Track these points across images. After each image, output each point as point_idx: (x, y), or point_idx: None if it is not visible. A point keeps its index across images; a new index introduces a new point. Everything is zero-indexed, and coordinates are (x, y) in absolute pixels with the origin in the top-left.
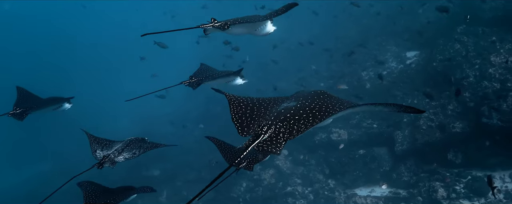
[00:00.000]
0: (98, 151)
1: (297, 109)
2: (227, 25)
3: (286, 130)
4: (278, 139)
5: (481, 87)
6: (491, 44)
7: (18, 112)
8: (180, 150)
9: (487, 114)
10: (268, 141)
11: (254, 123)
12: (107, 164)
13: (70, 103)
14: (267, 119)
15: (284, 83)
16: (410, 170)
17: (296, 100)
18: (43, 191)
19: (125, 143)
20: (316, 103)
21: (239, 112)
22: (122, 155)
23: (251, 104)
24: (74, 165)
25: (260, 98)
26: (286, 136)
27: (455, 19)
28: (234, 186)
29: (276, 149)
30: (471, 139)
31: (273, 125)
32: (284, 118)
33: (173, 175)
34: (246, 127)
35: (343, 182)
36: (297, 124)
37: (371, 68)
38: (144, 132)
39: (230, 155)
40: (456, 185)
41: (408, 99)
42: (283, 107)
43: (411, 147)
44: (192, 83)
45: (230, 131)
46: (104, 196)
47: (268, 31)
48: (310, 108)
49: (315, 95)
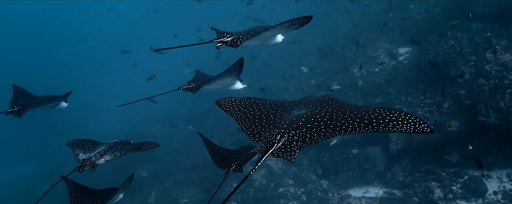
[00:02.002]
0: (80, 154)
1: (308, 117)
2: (239, 41)
3: (299, 138)
4: (292, 147)
5: (477, 85)
6: (486, 40)
7: (16, 110)
8: (169, 150)
9: (484, 112)
10: (282, 148)
11: (266, 130)
12: (87, 167)
13: (67, 102)
14: (279, 127)
15: (273, 80)
16: (405, 170)
17: (306, 107)
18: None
19: (108, 146)
20: (326, 111)
21: (249, 123)
22: (104, 157)
23: (259, 113)
24: (59, 165)
25: (267, 103)
26: (299, 144)
27: (447, 15)
28: (224, 187)
29: (291, 156)
30: (467, 137)
31: (286, 134)
32: (296, 126)
33: (161, 176)
34: (257, 134)
35: (336, 183)
36: (309, 132)
37: (363, 65)
38: (132, 130)
39: (219, 157)
40: (453, 185)
41: (402, 97)
42: (294, 114)
43: (406, 146)
44: (191, 88)
45: (219, 129)
46: (90, 198)
47: (277, 41)
48: (321, 116)
49: (324, 102)
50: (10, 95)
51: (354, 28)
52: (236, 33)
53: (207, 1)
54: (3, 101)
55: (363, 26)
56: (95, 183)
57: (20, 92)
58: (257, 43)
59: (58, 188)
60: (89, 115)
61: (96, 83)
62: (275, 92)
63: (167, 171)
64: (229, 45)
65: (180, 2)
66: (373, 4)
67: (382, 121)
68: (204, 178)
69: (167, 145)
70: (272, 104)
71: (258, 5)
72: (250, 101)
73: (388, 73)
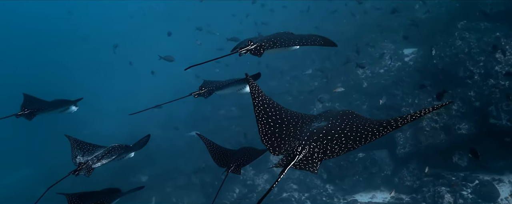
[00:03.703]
0: (78, 157)
1: (328, 129)
2: (262, 49)
3: (320, 150)
4: (313, 159)
5: (488, 86)
6: (496, 40)
7: (27, 113)
8: (170, 153)
9: (495, 114)
10: (303, 160)
11: (285, 143)
12: (83, 171)
13: (77, 106)
14: (300, 139)
15: (275, 82)
16: (413, 174)
17: (326, 120)
18: (27, 196)
19: (107, 150)
20: (346, 123)
21: (269, 131)
22: (101, 161)
23: (280, 121)
24: (58, 167)
25: (288, 113)
26: (320, 156)
27: (453, 15)
28: (226, 192)
29: (313, 168)
30: (477, 140)
31: (307, 145)
32: (317, 138)
33: (161, 181)
34: (278, 147)
35: (342, 188)
36: (330, 144)
37: (368, 66)
38: (131, 134)
39: (219, 156)
40: (463, 190)
41: (409, 99)
42: (315, 127)
43: (414, 149)
44: (203, 93)
45: (220, 132)
46: (90, 199)
47: (295, 47)
48: (341, 128)
49: (344, 115)
50: (10, 95)
51: (357, 29)
52: (259, 40)
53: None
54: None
55: (366, 26)
56: (91, 188)
57: (30, 99)
58: (277, 51)
59: (58, 189)
60: (88, 118)
61: (95, 85)
62: (277, 95)
63: (167, 175)
64: (253, 54)
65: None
66: (377, 4)
67: (400, 118)
68: (205, 183)
69: (168, 149)
70: (293, 115)
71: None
72: (273, 103)
73: (393, 74)
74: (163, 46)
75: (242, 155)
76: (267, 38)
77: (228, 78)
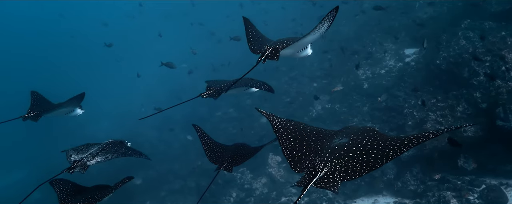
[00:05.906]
0: (72, 155)
1: (350, 145)
2: (278, 52)
3: (342, 168)
4: (334, 177)
5: (494, 87)
6: (501, 40)
7: (33, 115)
8: (165, 156)
9: (503, 116)
10: (324, 178)
11: (306, 158)
12: (77, 169)
13: (82, 109)
14: (321, 155)
15: (274, 82)
16: (416, 178)
17: (348, 137)
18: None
19: (101, 147)
20: (367, 140)
21: (289, 146)
22: (95, 159)
23: (300, 137)
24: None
25: (307, 128)
26: (342, 174)
27: (456, 14)
28: (222, 196)
29: (334, 187)
30: (484, 143)
31: (329, 162)
32: (338, 155)
33: (156, 184)
34: (299, 163)
35: (343, 192)
36: (351, 162)
37: (368, 67)
38: (127, 137)
39: (212, 151)
40: (470, 195)
41: (411, 100)
42: (336, 143)
43: (418, 152)
44: (212, 94)
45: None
46: (80, 196)
47: (307, 53)
48: (363, 145)
49: (365, 132)
50: (8, 95)
51: (357, 29)
52: (272, 43)
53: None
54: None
55: (367, 26)
56: None
57: (37, 98)
58: (291, 53)
59: (50, 194)
60: (84, 120)
61: (90, 86)
62: (276, 96)
63: (162, 179)
64: (270, 59)
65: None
66: (377, 3)
67: (421, 135)
68: (202, 186)
69: (163, 151)
70: (313, 130)
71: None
72: (290, 122)
73: (395, 75)
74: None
75: (234, 152)
76: (277, 41)
77: (224, 77)
